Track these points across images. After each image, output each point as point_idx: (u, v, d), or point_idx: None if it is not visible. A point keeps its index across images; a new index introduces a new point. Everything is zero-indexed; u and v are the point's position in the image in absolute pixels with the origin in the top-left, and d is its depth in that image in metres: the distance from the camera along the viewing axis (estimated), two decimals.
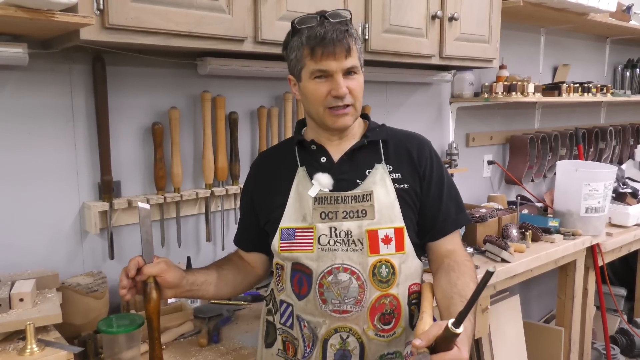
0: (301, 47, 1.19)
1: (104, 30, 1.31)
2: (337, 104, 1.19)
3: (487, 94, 2.63)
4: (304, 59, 1.20)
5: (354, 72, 1.20)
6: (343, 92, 1.18)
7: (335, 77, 1.18)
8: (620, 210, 2.73)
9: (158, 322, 1.21)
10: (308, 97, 1.23)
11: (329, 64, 1.17)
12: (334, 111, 1.21)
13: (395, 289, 1.22)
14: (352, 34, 1.19)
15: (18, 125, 1.51)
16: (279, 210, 1.26)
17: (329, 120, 1.22)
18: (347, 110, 1.21)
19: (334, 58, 1.16)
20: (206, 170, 1.82)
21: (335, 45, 1.15)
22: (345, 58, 1.17)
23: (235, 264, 1.41)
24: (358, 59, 1.21)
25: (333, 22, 1.18)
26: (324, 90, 1.19)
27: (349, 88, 1.19)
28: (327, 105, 1.20)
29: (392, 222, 1.22)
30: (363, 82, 1.24)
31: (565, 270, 2.52)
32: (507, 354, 2.42)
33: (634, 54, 4.00)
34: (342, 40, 1.16)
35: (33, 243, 1.57)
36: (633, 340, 3.07)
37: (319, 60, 1.17)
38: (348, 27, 1.19)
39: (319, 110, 1.22)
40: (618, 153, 3.74)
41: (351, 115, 1.23)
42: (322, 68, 1.18)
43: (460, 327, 0.95)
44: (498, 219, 2.34)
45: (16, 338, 1.24)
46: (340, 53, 1.16)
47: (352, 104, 1.21)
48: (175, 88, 1.79)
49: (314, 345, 1.22)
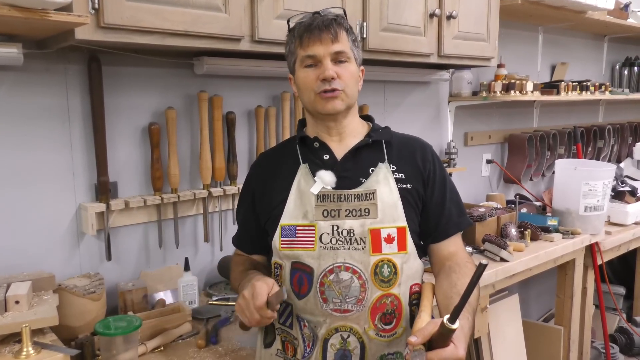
0: (293, 39, 1.24)
1: (99, 29, 1.30)
2: (325, 88, 1.20)
3: (486, 93, 2.63)
4: (296, 50, 1.23)
5: (345, 60, 1.22)
6: (329, 74, 1.19)
7: (323, 61, 1.20)
8: (619, 208, 2.72)
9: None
10: (300, 85, 1.25)
11: (316, 49, 1.19)
12: (323, 95, 1.21)
13: (397, 289, 1.22)
14: (341, 23, 1.22)
15: (13, 126, 1.50)
16: (279, 208, 1.25)
17: (319, 104, 1.23)
18: (335, 93, 1.21)
19: (320, 43, 1.19)
20: (203, 170, 1.81)
21: (322, 30, 1.19)
22: (332, 43, 1.19)
23: (252, 263, 1.41)
24: (350, 49, 1.23)
25: (323, 15, 1.22)
26: (313, 77, 1.21)
27: (338, 74, 1.20)
28: (316, 90, 1.21)
29: (395, 221, 1.22)
30: (356, 71, 1.26)
31: (564, 269, 2.51)
32: (506, 353, 2.41)
33: (632, 52, 4.00)
34: (328, 27, 1.19)
35: (29, 245, 1.56)
36: (632, 339, 3.07)
37: (306, 47, 1.20)
38: (337, 18, 1.22)
39: (310, 96, 1.23)
40: (616, 151, 3.74)
41: (341, 100, 1.23)
42: (310, 53, 1.20)
43: (456, 323, 0.95)
44: (497, 218, 2.34)
45: (12, 341, 1.23)
46: (326, 38, 1.19)
47: (343, 90, 1.22)
48: (171, 88, 1.78)
49: (314, 345, 1.22)
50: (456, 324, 0.95)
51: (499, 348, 2.38)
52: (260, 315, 1.12)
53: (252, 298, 1.12)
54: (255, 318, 1.13)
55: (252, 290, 1.13)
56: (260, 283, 1.14)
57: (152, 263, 1.81)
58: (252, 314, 1.12)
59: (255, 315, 1.12)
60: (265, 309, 1.12)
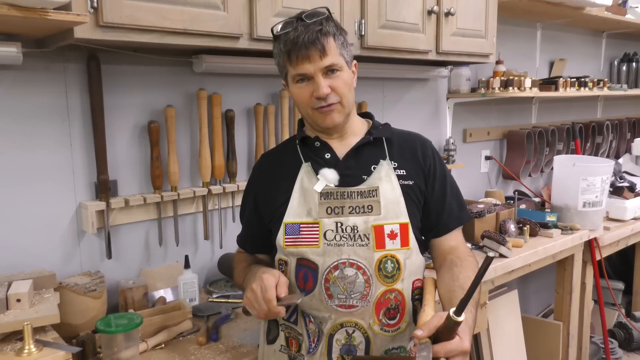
0: (281, 54, 1.21)
1: (98, 28, 1.30)
2: (322, 105, 1.20)
3: (484, 90, 2.63)
4: (285, 65, 1.21)
5: (336, 70, 1.20)
6: (322, 93, 1.18)
7: (315, 78, 1.18)
8: (618, 204, 2.73)
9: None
10: (295, 101, 1.26)
11: (305, 67, 1.18)
12: (319, 110, 1.22)
13: (400, 284, 1.23)
14: (327, 32, 1.18)
15: (13, 125, 1.51)
16: (283, 206, 1.26)
17: (318, 119, 1.24)
18: (332, 107, 1.21)
19: (309, 61, 1.17)
20: (203, 168, 1.82)
21: (308, 47, 1.16)
22: (321, 58, 1.17)
23: (255, 260, 1.41)
24: (339, 55, 1.20)
25: (307, 24, 1.17)
26: (307, 93, 1.21)
27: (332, 87, 1.19)
28: (312, 107, 1.22)
29: (398, 217, 1.23)
30: (350, 78, 1.24)
31: (563, 264, 2.52)
32: (505, 348, 2.42)
33: (630, 47, 4.00)
34: (314, 42, 1.16)
35: (30, 243, 1.56)
36: (631, 334, 3.08)
37: (295, 65, 1.18)
38: (322, 27, 1.18)
39: (308, 111, 1.24)
40: (615, 147, 3.75)
41: (338, 112, 1.23)
42: (300, 72, 1.19)
43: (462, 316, 0.95)
44: (496, 215, 2.34)
45: (14, 339, 1.23)
46: (314, 54, 1.16)
47: (339, 102, 1.22)
48: (171, 86, 1.78)
49: (319, 340, 1.23)
50: (462, 316, 0.95)
51: (498, 343, 2.38)
52: (269, 308, 1.13)
53: (260, 290, 1.13)
54: (263, 310, 1.13)
55: (260, 282, 1.14)
56: (268, 275, 1.15)
57: (152, 261, 1.82)
58: (260, 305, 1.13)
59: (263, 306, 1.13)
60: (273, 302, 1.12)
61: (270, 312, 1.13)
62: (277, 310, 1.13)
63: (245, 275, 1.28)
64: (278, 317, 1.19)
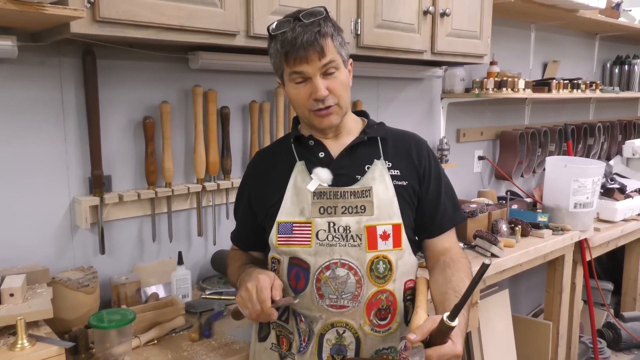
0: (277, 53, 1.20)
1: (94, 23, 1.30)
2: (319, 107, 1.20)
3: (478, 90, 2.65)
4: (282, 65, 1.20)
5: (334, 69, 1.19)
6: (321, 95, 1.18)
7: (314, 80, 1.17)
8: (608, 205, 2.75)
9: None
10: (292, 101, 1.25)
11: (304, 68, 1.17)
12: (317, 113, 1.21)
13: (392, 285, 1.23)
14: (325, 32, 1.17)
15: (7, 118, 1.50)
16: (276, 205, 1.26)
17: (315, 121, 1.23)
18: (330, 110, 1.21)
19: (307, 62, 1.16)
20: (198, 164, 1.82)
21: (307, 49, 1.15)
22: (320, 59, 1.16)
23: (249, 258, 1.41)
24: (337, 53, 1.20)
25: (305, 24, 1.16)
26: (304, 95, 1.20)
27: (330, 88, 1.19)
28: (310, 108, 1.21)
29: (391, 218, 1.23)
30: (347, 77, 1.23)
31: (553, 265, 2.54)
32: (496, 347, 2.44)
33: (623, 50, 4.03)
34: (313, 43, 1.14)
35: (23, 238, 1.56)
36: (620, 334, 3.11)
37: (293, 65, 1.17)
38: (320, 27, 1.17)
39: (305, 112, 1.23)
40: (606, 149, 3.78)
41: (336, 114, 1.23)
42: (297, 70, 1.18)
43: (455, 321, 0.96)
44: (488, 214, 2.36)
45: (7, 333, 1.23)
46: (312, 56, 1.15)
47: (336, 103, 1.21)
48: (166, 82, 1.78)
49: (310, 339, 1.23)
50: (455, 321, 0.96)
51: (488, 342, 2.40)
52: (262, 309, 1.12)
53: (255, 290, 1.13)
54: (256, 310, 1.13)
55: (256, 282, 1.14)
56: (263, 276, 1.15)
57: (145, 257, 1.81)
58: (254, 305, 1.13)
59: (257, 306, 1.13)
60: (267, 303, 1.12)
61: (263, 313, 1.13)
62: (270, 311, 1.13)
63: (239, 274, 1.27)
64: (270, 319, 1.18)
